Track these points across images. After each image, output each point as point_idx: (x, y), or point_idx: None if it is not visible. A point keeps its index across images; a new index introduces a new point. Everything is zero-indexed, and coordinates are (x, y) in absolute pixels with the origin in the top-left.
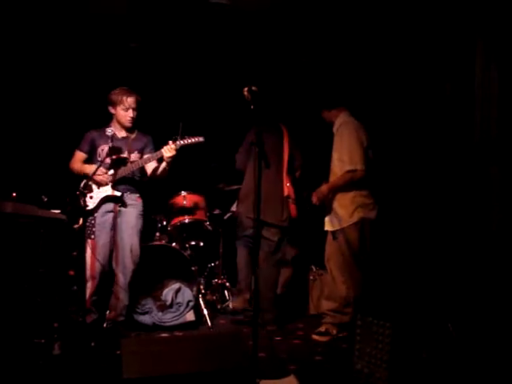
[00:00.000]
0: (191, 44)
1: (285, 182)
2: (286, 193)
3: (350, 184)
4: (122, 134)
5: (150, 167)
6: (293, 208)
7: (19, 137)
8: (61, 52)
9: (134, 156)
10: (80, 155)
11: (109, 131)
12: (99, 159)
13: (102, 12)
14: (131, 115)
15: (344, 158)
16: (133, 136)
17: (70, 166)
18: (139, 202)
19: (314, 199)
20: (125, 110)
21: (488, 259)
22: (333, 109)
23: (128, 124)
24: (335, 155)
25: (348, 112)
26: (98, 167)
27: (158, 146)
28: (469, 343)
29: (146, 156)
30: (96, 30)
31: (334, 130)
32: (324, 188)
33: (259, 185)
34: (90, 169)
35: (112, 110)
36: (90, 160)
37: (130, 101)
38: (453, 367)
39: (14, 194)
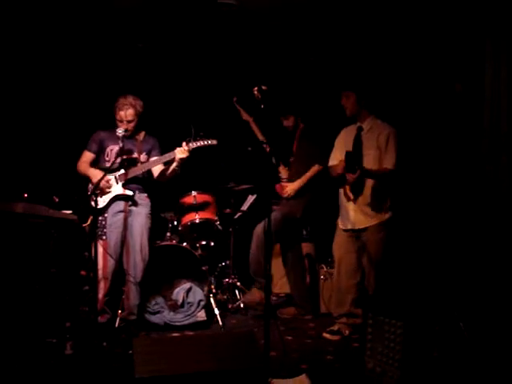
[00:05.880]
0: (199, 44)
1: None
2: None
3: (385, 185)
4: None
5: (157, 169)
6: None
7: (30, 138)
8: (71, 52)
9: (143, 157)
10: (88, 155)
11: (119, 131)
12: (107, 159)
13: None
14: (124, 127)
15: (388, 156)
16: (141, 138)
17: (77, 166)
18: (147, 201)
19: (351, 179)
20: (119, 121)
21: (498, 257)
22: (367, 108)
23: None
24: (372, 152)
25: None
26: (104, 176)
27: (168, 148)
28: (480, 342)
29: (156, 157)
30: (107, 30)
31: (366, 127)
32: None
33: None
34: (94, 174)
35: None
36: (97, 160)
37: (121, 114)
38: (464, 366)
39: (26, 195)
